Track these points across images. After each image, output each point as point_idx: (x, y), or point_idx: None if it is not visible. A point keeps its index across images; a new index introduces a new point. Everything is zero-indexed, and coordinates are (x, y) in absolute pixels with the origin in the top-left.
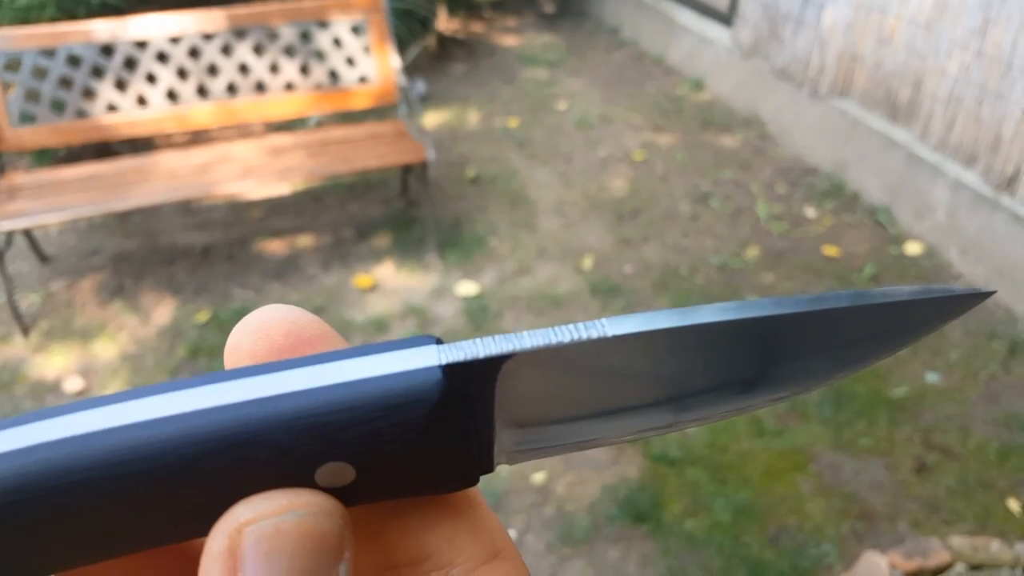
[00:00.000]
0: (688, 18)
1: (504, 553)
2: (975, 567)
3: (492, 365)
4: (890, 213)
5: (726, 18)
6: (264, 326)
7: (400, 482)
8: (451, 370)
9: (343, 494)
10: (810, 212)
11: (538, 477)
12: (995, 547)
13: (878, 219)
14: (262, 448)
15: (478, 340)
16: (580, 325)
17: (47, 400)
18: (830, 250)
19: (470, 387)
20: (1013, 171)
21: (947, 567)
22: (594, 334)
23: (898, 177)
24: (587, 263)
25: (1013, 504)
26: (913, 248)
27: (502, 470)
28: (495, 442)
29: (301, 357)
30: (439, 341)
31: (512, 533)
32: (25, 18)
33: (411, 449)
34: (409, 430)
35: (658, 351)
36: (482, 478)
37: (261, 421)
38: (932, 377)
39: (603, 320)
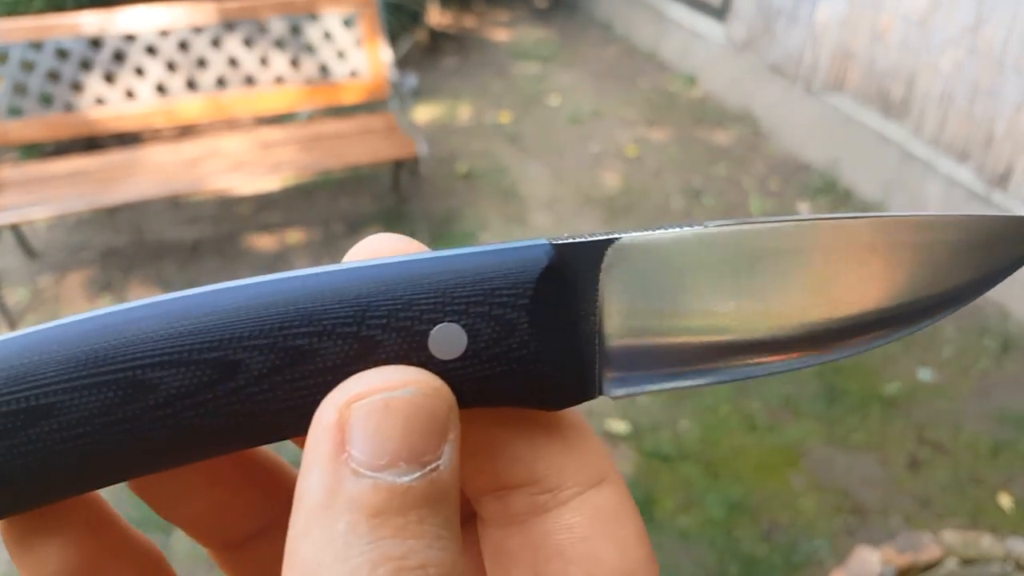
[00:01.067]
0: (680, 13)
1: (610, 478)
2: (967, 561)
3: (597, 248)
4: (883, 209)
5: (719, 13)
6: (376, 253)
7: (507, 370)
8: (559, 248)
9: (453, 377)
10: (803, 208)
11: None
12: (986, 542)
13: None
14: (382, 301)
15: (585, 232)
16: (681, 223)
17: None
18: None
19: (577, 267)
20: (1005, 168)
21: (939, 562)
22: (694, 227)
23: (891, 173)
24: None
25: (1004, 499)
26: None
27: None
28: (601, 351)
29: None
30: None
31: None
32: (12, 11)
33: (520, 318)
34: (520, 295)
35: (755, 250)
36: None
37: (382, 276)
38: (924, 373)
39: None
